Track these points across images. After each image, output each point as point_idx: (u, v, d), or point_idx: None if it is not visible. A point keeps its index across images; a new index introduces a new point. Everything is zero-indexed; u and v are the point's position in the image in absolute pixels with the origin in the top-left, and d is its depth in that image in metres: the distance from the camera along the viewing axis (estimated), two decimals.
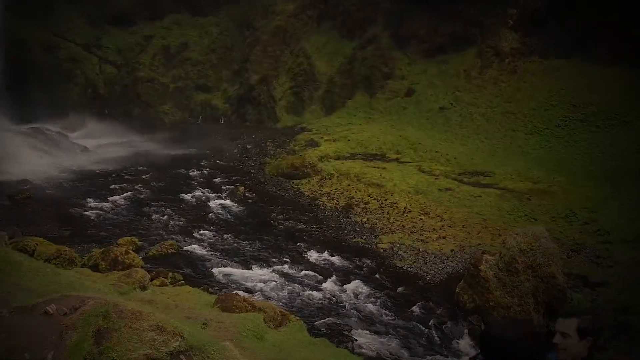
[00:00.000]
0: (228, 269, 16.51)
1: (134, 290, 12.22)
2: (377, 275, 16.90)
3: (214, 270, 16.36)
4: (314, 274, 16.66)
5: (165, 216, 21.06)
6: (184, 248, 17.86)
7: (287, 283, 15.89)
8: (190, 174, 27.73)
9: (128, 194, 23.53)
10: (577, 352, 3.91)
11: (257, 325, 11.01)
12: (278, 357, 10.02)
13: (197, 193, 24.32)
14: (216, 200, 23.38)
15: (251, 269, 16.66)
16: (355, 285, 16.04)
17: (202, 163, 29.84)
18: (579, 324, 3.76)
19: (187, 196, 23.82)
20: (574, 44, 29.33)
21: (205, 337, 6.84)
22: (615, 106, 26.61)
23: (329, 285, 16.02)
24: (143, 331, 5.89)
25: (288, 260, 17.63)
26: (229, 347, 6.48)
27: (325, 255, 18.25)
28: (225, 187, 25.33)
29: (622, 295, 14.84)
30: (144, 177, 26.54)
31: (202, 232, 19.56)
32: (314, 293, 15.43)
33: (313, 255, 18.18)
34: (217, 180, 26.76)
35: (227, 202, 23.25)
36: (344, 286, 15.98)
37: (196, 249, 17.94)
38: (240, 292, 14.25)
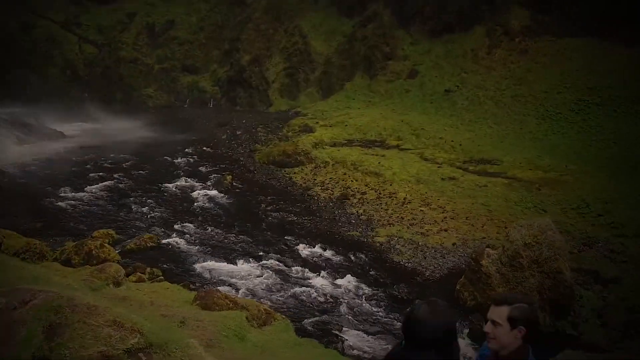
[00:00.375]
0: (211, 264, 16.47)
1: (106, 286, 12.17)
2: (372, 271, 16.88)
3: (196, 265, 16.34)
4: (304, 269, 16.64)
5: (146, 207, 21.03)
6: (165, 241, 17.82)
7: (274, 279, 15.87)
8: (175, 162, 27.69)
9: (107, 183, 23.47)
10: (508, 341, 3.87)
11: (239, 324, 10.98)
12: (259, 358, 10.00)
13: (181, 182, 24.28)
14: (201, 190, 23.32)
15: (236, 264, 16.63)
16: (348, 281, 16.02)
17: (188, 150, 29.77)
18: (510, 312, 3.73)
19: (170, 186, 23.77)
20: (589, 22, 29.11)
21: (168, 333, 6.81)
22: (635, 90, 26.45)
23: (319, 281, 16.00)
24: (98, 327, 5.85)
25: (277, 254, 17.60)
26: (193, 345, 6.45)
27: (317, 249, 18.23)
28: (211, 176, 25.28)
29: (635, 292, 14.86)
30: (124, 165, 26.50)
31: (184, 224, 19.52)
32: (303, 290, 15.41)
33: (304, 250, 18.15)
34: (203, 168, 26.71)
35: (213, 192, 23.19)
36: (336, 282, 15.97)
37: (178, 242, 17.91)
38: (223, 289, 14.25)
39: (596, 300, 14.56)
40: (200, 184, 24.32)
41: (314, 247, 18.35)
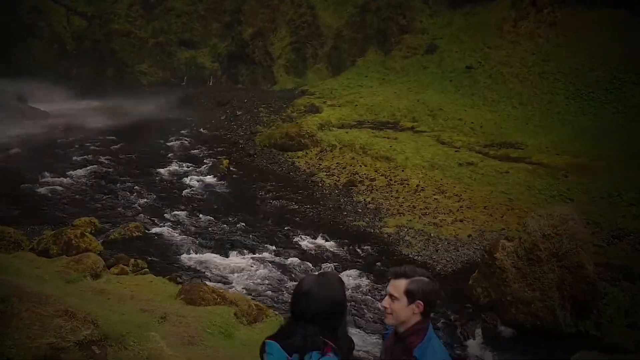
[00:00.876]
0: (202, 256, 16.51)
1: (83, 278, 12.22)
2: (378, 265, 16.82)
3: (185, 257, 16.39)
4: (303, 262, 16.64)
5: (134, 194, 21.11)
6: (152, 231, 17.89)
7: (270, 273, 15.87)
8: (168, 144, 27.80)
9: (92, 167, 23.62)
10: (405, 316, 3.86)
11: (226, 321, 10.99)
12: (246, 356, 10.00)
13: (174, 167, 24.38)
14: (195, 176, 23.41)
15: (229, 257, 16.66)
16: (351, 275, 15.97)
17: (183, 132, 29.85)
18: (408, 286, 3.72)
19: (162, 171, 23.88)
20: None
21: (126, 326, 6.81)
22: None
23: None
24: (48, 317, 5.85)
25: (274, 246, 17.59)
26: (153, 338, 6.46)
27: (319, 240, 18.21)
28: (207, 160, 25.35)
29: None
30: (112, 148, 26.66)
31: (175, 212, 19.56)
32: None
33: (304, 241, 18.15)
34: (198, 152, 26.81)
35: (208, 177, 23.27)
36: None
37: (166, 232, 17.96)
38: (214, 283, 14.26)
39: (623, 298, 14.40)
40: (195, 168, 24.38)
41: (315, 238, 18.34)
